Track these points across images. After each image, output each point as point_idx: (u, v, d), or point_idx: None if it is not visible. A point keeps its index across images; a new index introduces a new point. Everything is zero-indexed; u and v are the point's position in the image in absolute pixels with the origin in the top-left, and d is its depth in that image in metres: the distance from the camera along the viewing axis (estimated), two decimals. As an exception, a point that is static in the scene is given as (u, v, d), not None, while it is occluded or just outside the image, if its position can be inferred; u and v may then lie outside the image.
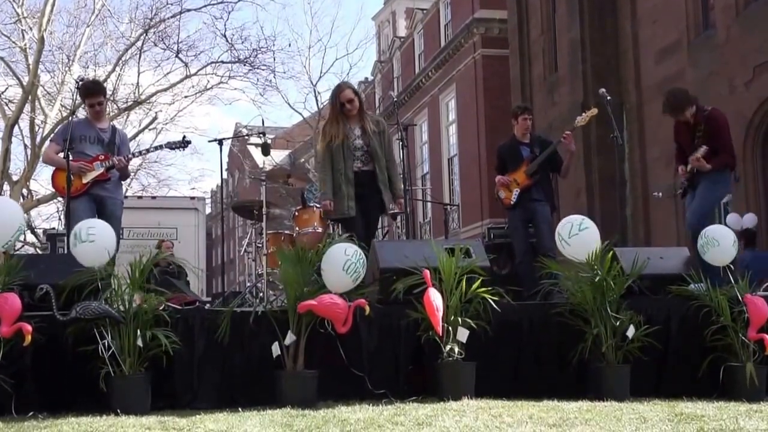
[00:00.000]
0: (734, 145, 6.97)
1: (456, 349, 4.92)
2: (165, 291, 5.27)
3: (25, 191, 19.96)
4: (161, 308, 4.94)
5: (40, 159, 18.20)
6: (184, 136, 7.21)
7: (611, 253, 5.40)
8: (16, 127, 19.51)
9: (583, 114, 7.71)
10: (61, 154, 6.43)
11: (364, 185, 6.56)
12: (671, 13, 16.80)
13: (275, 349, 4.90)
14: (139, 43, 20.89)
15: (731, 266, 5.73)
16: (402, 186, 6.88)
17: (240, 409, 4.60)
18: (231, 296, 7.93)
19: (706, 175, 6.56)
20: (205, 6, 20.98)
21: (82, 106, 10.08)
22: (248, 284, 7.94)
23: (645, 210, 17.19)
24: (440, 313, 4.86)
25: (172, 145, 7.16)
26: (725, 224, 8.47)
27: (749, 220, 11.95)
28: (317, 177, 7.04)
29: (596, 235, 5.49)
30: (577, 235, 5.45)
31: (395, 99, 9.15)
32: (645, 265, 5.42)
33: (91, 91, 6.82)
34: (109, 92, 16.36)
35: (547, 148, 7.54)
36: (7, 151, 18.71)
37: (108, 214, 6.39)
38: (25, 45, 19.68)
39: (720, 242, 5.70)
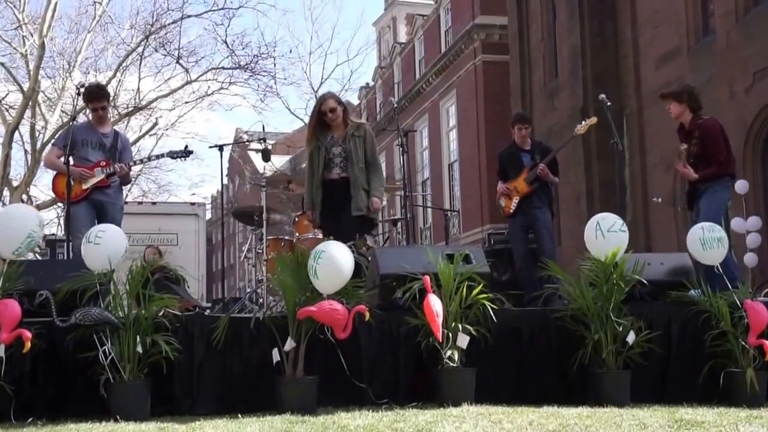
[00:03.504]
0: (734, 151, 6.99)
1: (456, 355, 4.92)
2: (175, 296, 5.26)
3: (24, 197, 19.96)
4: (161, 314, 4.93)
5: (41, 164, 18.26)
6: (186, 146, 7.21)
7: (623, 261, 5.38)
8: (17, 132, 19.54)
9: (583, 123, 7.72)
10: (63, 159, 6.43)
11: (341, 192, 6.39)
12: (671, 18, 16.83)
13: (275, 355, 4.90)
14: (139, 49, 20.95)
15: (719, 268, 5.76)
16: (380, 185, 6.48)
17: (239, 415, 4.59)
18: (231, 302, 7.93)
19: (707, 190, 6.62)
20: (206, 12, 21.08)
21: (83, 111, 10.13)
22: (248, 290, 7.94)
23: (645, 215, 17.20)
24: (440, 319, 4.86)
25: (174, 155, 7.16)
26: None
27: (753, 223, 11.95)
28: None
29: (626, 242, 5.46)
30: (615, 233, 5.41)
31: (396, 105, 9.16)
32: (645, 270, 5.42)
33: (95, 95, 6.81)
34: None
35: (547, 155, 7.55)
36: (7, 157, 18.73)
37: (108, 220, 6.39)
38: (25, 51, 19.71)
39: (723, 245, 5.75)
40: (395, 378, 5.18)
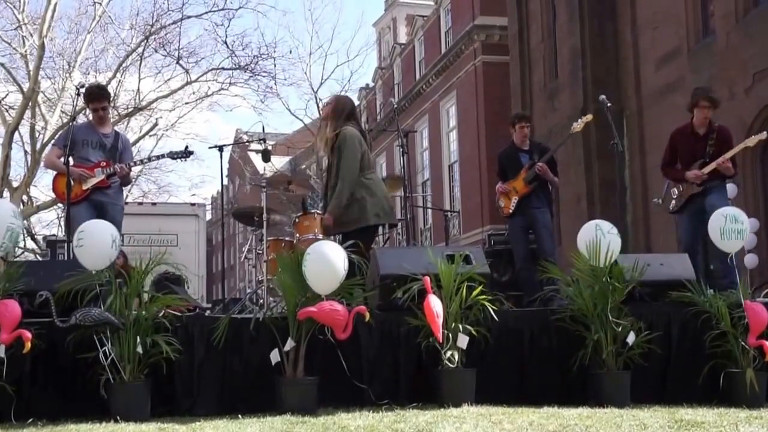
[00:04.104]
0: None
1: (456, 356, 4.92)
2: (181, 297, 5.26)
3: (25, 198, 19.98)
4: (161, 315, 4.93)
5: (41, 165, 18.27)
6: (187, 146, 7.20)
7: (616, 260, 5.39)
8: (17, 133, 19.53)
9: (579, 120, 7.73)
10: (63, 159, 6.43)
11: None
12: (671, 19, 16.83)
13: (274, 355, 4.90)
14: (139, 50, 20.97)
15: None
16: (334, 197, 6.01)
17: (240, 415, 4.59)
18: (231, 303, 7.93)
19: (715, 187, 6.90)
20: (206, 13, 21.08)
21: (84, 111, 10.14)
22: (248, 291, 7.93)
23: (645, 216, 17.18)
24: (440, 320, 4.86)
25: (175, 155, 7.15)
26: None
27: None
28: None
29: (620, 245, 5.51)
30: (614, 235, 5.44)
31: (396, 105, 9.17)
32: (645, 271, 5.42)
33: (96, 95, 6.81)
34: (109, 99, 16.36)
35: (545, 154, 7.55)
36: (7, 158, 18.73)
37: (109, 220, 6.35)
38: (25, 51, 19.71)
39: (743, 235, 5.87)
40: (395, 378, 5.18)
